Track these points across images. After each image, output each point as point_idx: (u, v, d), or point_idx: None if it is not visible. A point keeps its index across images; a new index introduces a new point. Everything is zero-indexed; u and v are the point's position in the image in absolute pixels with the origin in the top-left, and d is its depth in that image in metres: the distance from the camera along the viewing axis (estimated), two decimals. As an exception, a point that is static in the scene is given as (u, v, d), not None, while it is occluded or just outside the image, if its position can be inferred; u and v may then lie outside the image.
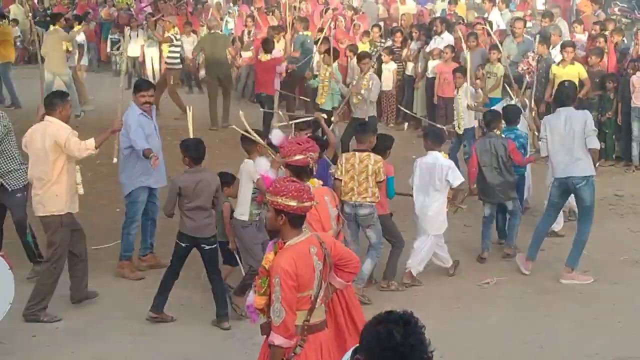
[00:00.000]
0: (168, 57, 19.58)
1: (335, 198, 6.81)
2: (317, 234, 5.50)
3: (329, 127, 10.73)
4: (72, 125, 8.90)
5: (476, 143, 10.86)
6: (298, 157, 6.66)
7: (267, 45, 16.71)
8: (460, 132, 13.47)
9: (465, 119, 13.37)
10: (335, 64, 15.42)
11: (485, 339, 8.47)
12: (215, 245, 8.62)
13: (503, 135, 10.79)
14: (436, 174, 9.73)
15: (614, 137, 14.99)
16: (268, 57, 16.54)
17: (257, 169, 8.36)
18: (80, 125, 12.67)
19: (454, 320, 8.96)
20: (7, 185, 9.61)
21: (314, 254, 5.24)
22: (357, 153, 9.30)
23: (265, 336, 5.38)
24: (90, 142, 8.61)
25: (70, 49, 18.99)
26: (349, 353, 3.53)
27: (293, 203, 5.19)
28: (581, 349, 8.17)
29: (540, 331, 8.63)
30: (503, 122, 11.03)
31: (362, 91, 13.84)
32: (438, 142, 10.06)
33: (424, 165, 9.85)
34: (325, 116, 10.53)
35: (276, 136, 8.21)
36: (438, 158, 9.82)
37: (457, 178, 9.74)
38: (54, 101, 8.79)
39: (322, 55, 15.57)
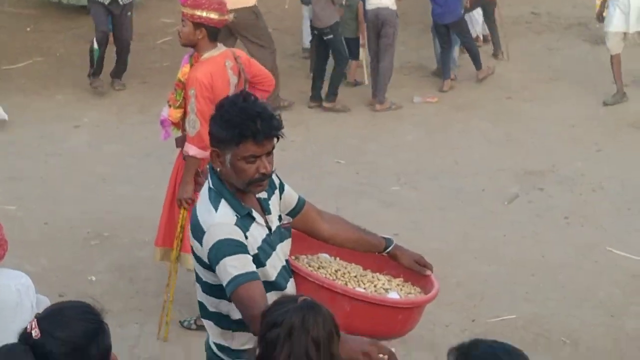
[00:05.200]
0: None
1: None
2: (233, 49, 5.41)
3: None
4: None
5: None
6: None
7: None
8: None
9: None
10: None
11: (402, 154, 8.58)
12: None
13: None
14: None
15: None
16: None
17: None
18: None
19: (371, 138, 9.05)
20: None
21: (230, 67, 5.16)
22: None
23: (180, 149, 5.34)
24: None
25: None
26: None
27: (215, 16, 5.07)
28: (494, 163, 8.35)
29: (454, 147, 8.77)
30: None
31: None
32: None
33: None
34: None
35: None
36: None
37: None
38: None
39: None
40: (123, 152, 8.42)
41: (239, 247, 3.19)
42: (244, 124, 3.17)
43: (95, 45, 9.70)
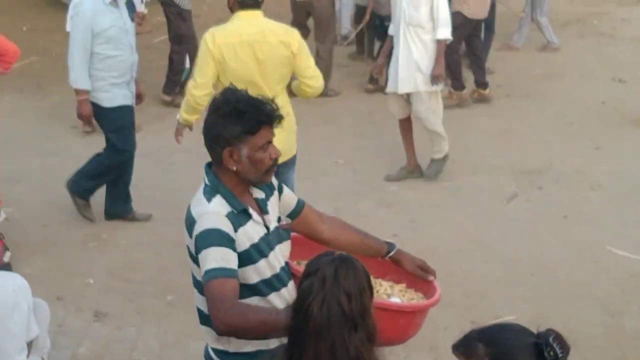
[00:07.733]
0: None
1: None
2: None
3: None
4: None
5: None
6: None
7: None
8: None
9: None
10: None
11: (399, 152, 8.56)
12: None
13: None
14: None
15: None
16: None
17: None
18: None
19: (368, 136, 9.03)
20: None
21: None
22: None
23: None
24: None
25: None
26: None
27: None
28: (492, 161, 8.34)
29: (452, 145, 8.72)
30: None
31: None
32: None
33: None
34: None
35: None
36: None
37: None
38: None
39: None
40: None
41: (226, 241, 3.16)
42: (256, 111, 3.18)
43: (187, 64, 9.41)
